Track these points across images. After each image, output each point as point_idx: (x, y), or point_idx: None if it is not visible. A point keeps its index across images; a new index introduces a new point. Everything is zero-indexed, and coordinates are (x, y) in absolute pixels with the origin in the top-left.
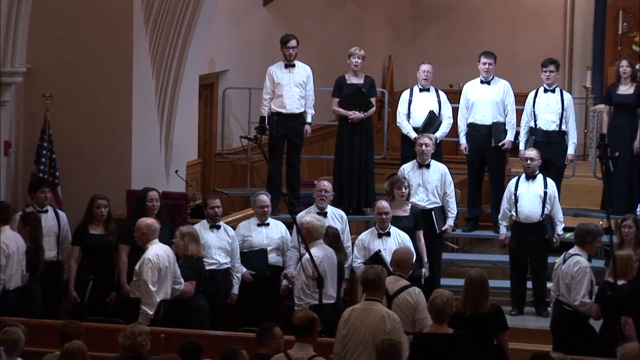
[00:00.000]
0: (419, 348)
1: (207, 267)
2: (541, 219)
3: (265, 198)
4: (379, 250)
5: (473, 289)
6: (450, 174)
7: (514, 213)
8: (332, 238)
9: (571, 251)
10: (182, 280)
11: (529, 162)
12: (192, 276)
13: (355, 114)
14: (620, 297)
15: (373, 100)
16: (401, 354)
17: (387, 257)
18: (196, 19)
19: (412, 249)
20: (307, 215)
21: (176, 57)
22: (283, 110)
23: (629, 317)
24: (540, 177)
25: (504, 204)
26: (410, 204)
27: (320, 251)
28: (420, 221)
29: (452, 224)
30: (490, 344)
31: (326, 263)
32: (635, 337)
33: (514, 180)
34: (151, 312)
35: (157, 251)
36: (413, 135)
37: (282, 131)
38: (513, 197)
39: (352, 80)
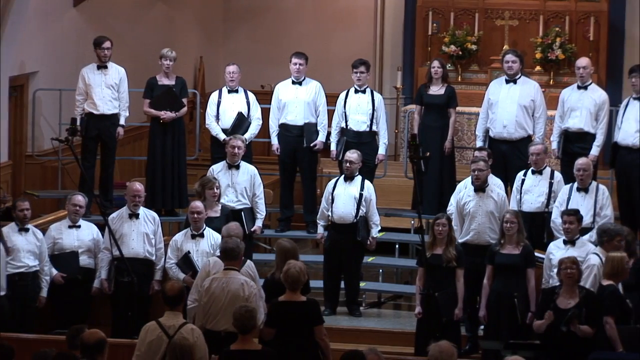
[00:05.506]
0: (275, 315)
1: (16, 270)
2: (355, 220)
3: (80, 198)
4: (188, 252)
5: (292, 256)
6: (262, 174)
7: (330, 213)
8: None
9: (593, 250)
10: None
11: (348, 164)
12: None
13: (166, 114)
14: (603, 298)
15: (185, 101)
16: (256, 319)
17: (198, 259)
18: (5, 20)
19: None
20: None
21: None
22: (95, 111)
23: (609, 317)
24: (358, 179)
25: (322, 204)
26: (220, 205)
27: None
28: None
29: (260, 225)
30: None
31: None
32: (617, 337)
33: (333, 180)
34: None
35: None
36: (222, 136)
37: (93, 132)
38: (330, 197)
39: (164, 81)
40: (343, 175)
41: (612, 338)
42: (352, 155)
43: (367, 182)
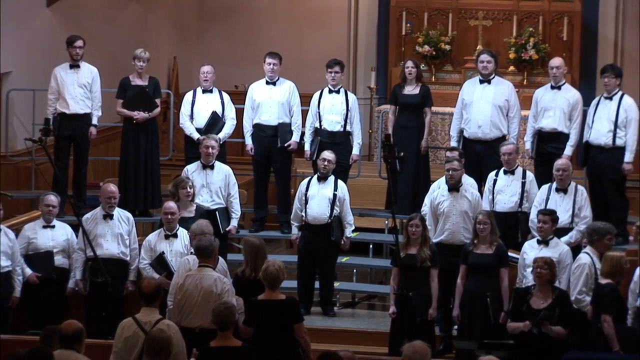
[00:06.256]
0: (255, 313)
1: None
2: (329, 220)
3: (53, 198)
4: (163, 252)
5: (261, 253)
6: (236, 175)
7: (304, 214)
8: None
9: (584, 249)
10: None
11: (325, 163)
12: None
13: (139, 114)
14: (601, 296)
15: (158, 101)
16: (235, 315)
17: (172, 259)
18: None
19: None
20: None
21: None
22: (67, 111)
23: (607, 315)
24: (331, 179)
25: (296, 204)
26: (195, 205)
27: None
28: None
29: (235, 224)
30: None
31: None
32: (614, 336)
33: (306, 180)
34: None
35: None
36: (196, 136)
37: (66, 131)
38: (304, 198)
39: (137, 81)
40: (316, 176)
41: (609, 337)
42: (330, 155)
43: (340, 182)
